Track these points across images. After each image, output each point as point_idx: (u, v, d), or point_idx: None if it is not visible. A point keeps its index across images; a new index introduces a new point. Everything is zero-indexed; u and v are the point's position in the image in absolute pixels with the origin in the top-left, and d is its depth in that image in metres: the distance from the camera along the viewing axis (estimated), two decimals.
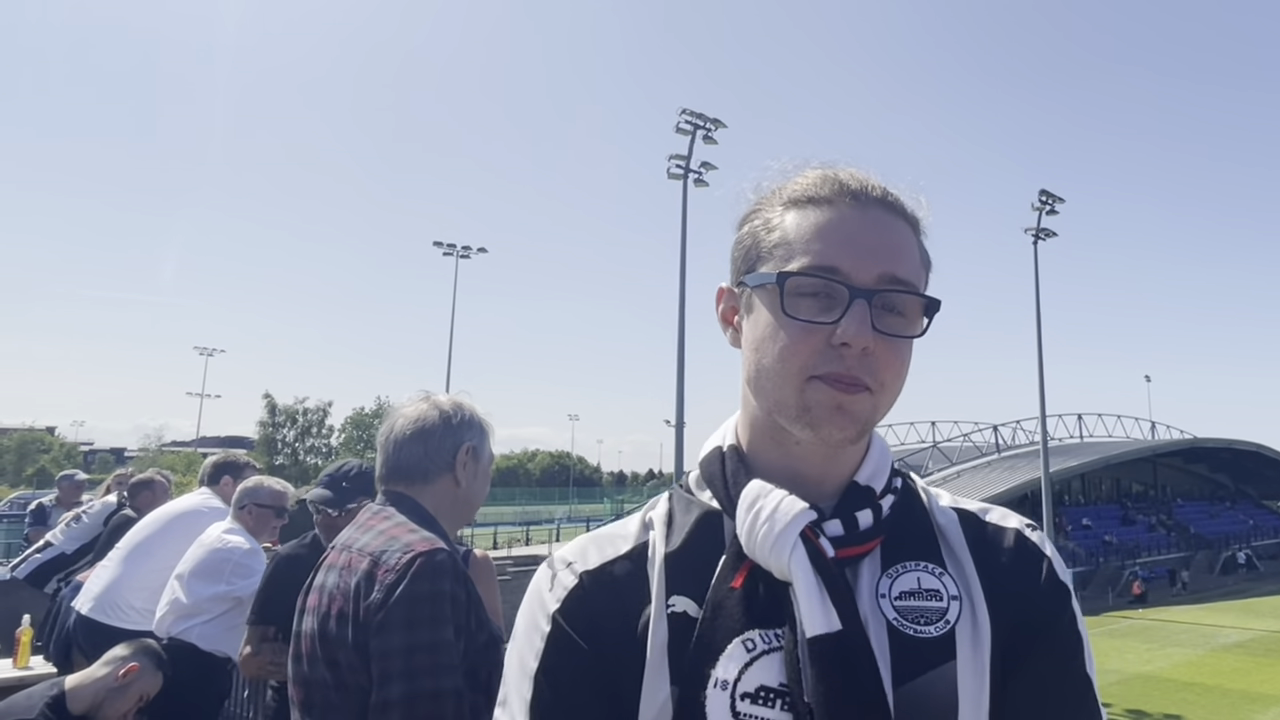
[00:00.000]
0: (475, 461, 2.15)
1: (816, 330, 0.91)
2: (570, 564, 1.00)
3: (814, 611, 0.85)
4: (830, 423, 0.91)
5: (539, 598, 0.99)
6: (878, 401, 0.93)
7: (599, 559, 0.99)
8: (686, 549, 0.97)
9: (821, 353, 0.90)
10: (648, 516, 1.04)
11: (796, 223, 0.96)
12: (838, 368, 0.90)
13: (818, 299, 0.92)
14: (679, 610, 0.92)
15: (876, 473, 0.99)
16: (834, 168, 1.00)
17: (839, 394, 0.90)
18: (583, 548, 1.02)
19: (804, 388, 0.91)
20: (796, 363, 0.91)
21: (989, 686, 0.88)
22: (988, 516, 1.02)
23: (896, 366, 0.93)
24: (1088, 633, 0.96)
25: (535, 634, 0.96)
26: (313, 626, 1.94)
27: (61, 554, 6.15)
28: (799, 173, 1.01)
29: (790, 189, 0.99)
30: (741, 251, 1.02)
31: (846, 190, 0.96)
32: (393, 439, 2.14)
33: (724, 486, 0.99)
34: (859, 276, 0.91)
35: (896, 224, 0.97)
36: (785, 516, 0.90)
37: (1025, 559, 0.97)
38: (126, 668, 3.18)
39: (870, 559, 0.94)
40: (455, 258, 42.26)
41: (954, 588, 0.92)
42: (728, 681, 0.86)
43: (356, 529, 2.05)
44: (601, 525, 1.09)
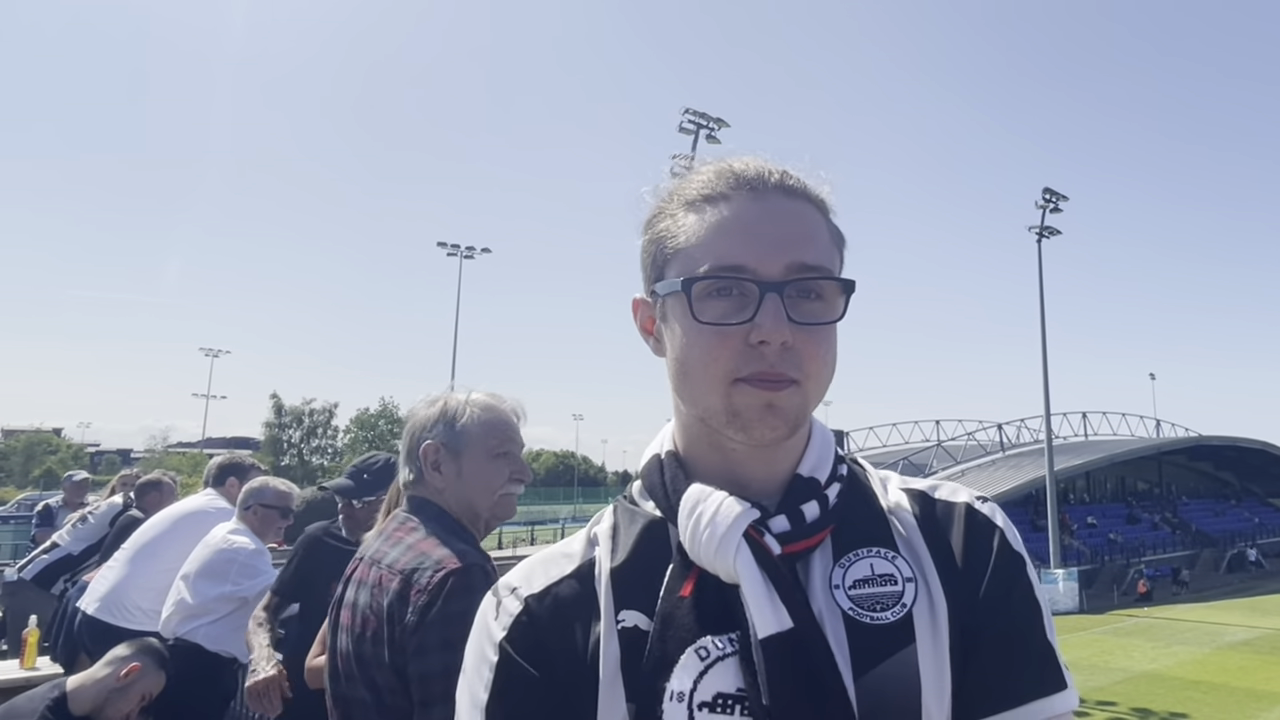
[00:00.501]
0: (453, 457, 2.05)
1: (732, 332, 0.89)
2: (515, 589, 0.98)
3: (764, 611, 0.84)
4: (761, 423, 0.89)
5: (485, 627, 0.97)
6: (807, 393, 0.91)
7: (544, 581, 0.98)
8: (633, 561, 0.95)
9: (741, 354, 0.89)
10: (592, 532, 1.02)
11: (696, 224, 0.94)
12: (760, 366, 0.88)
13: (728, 299, 0.90)
14: (629, 625, 0.90)
15: (820, 463, 0.98)
16: (728, 160, 0.97)
17: (766, 393, 0.88)
18: (527, 571, 1.00)
19: (730, 392, 0.89)
20: (718, 368, 0.89)
21: (950, 664, 0.87)
22: (937, 494, 1.00)
23: (821, 354, 0.91)
24: (1046, 599, 0.94)
25: (484, 665, 0.94)
26: (348, 646, 1.92)
27: (68, 555, 6.19)
28: (696, 171, 0.99)
29: (687, 189, 0.97)
30: (648, 259, 1.00)
31: (743, 181, 0.94)
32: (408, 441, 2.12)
33: (665, 494, 0.97)
34: (766, 270, 0.89)
35: (799, 208, 0.94)
36: (726, 518, 0.88)
37: (977, 532, 0.95)
38: (128, 668, 3.18)
39: (821, 551, 0.92)
40: (459, 258, 42.37)
41: (908, 570, 0.91)
42: (683, 693, 0.85)
43: (384, 540, 2.01)
44: None
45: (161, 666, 3.32)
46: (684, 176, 1.00)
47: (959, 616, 0.89)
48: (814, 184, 0.98)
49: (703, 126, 25.09)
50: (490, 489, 2.06)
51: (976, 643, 0.89)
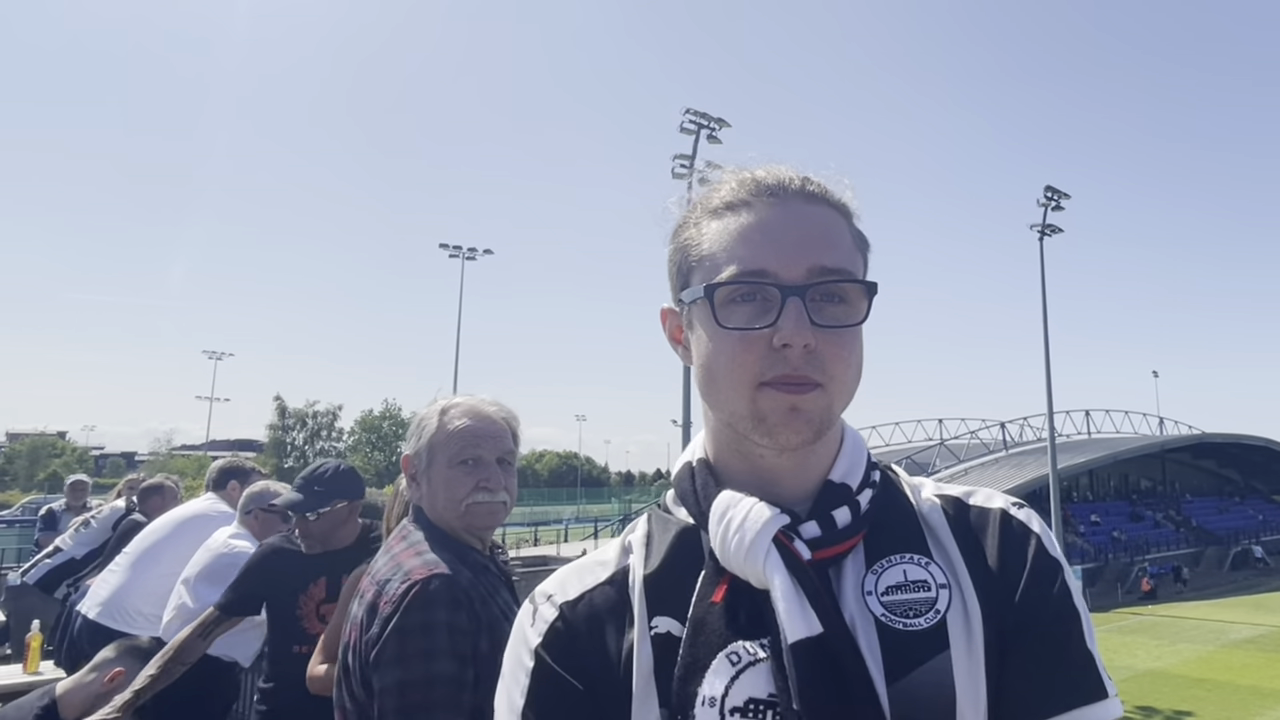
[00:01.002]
0: (426, 468, 2.03)
1: (755, 337, 0.90)
2: (550, 597, 0.99)
3: (793, 617, 0.84)
4: (786, 426, 0.89)
5: (522, 634, 0.98)
6: (832, 396, 0.91)
7: (579, 589, 0.99)
8: (666, 568, 0.96)
9: (765, 358, 0.89)
10: (627, 540, 1.03)
11: (718, 231, 0.95)
12: (784, 370, 0.88)
13: (751, 304, 0.91)
14: (662, 631, 0.91)
15: (851, 468, 0.97)
16: (749, 168, 0.98)
17: (790, 395, 0.89)
18: (563, 579, 1.01)
19: (755, 396, 0.90)
20: (743, 373, 0.90)
21: (985, 672, 0.86)
22: (972, 500, 0.99)
23: (844, 357, 0.91)
24: (1086, 607, 0.93)
25: (520, 671, 0.96)
26: (340, 655, 1.93)
27: (71, 559, 6.18)
28: (719, 181, 1.00)
29: (710, 199, 0.99)
30: (674, 269, 1.01)
31: (763, 189, 0.95)
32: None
33: (696, 501, 0.98)
34: (788, 274, 0.90)
35: (821, 213, 0.95)
36: (755, 524, 0.89)
37: (1012, 538, 0.94)
38: (111, 673, 3.17)
39: (853, 557, 0.92)
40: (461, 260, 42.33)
41: (942, 576, 0.90)
42: (715, 698, 0.85)
43: (383, 550, 2.02)
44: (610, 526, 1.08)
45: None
46: (707, 186, 1.01)
47: (995, 623, 0.88)
48: (835, 189, 0.99)
49: (704, 126, 25.00)
50: (454, 499, 1.99)
51: (1013, 650, 0.88)
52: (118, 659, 3.24)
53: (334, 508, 3.12)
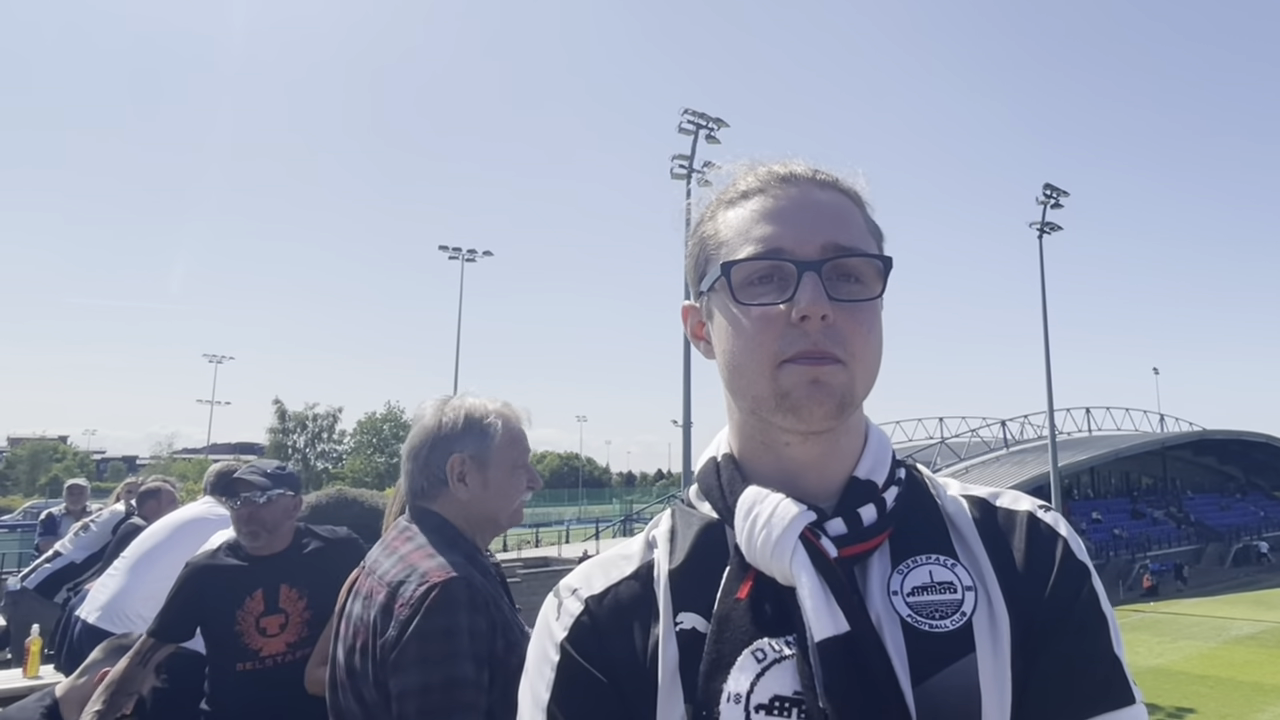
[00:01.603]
0: (480, 470, 2.03)
1: (775, 313, 0.90)
2: (575, 590, 0.99)
3: (820, 614, 0.83)
4: (810, 399, 0.89)
5: (547, 628, 0.98)
6: (853, 372, 0.90)
7: (604, 583, 0.99)
8: (690, 564, 0.95)
9: (785, 335, 0.89)
10: (651, 535, 1.03)
11: (734, 218, 0.97)
12: (804, 345, 0.89)
13: (769, 282, 0.92)
14: (687, 627, 0.90)
15: (877, 465, 0.97)
16: (762, 160, 1.01)
17: (811, 367, 0.89)
18: (587, 573, 1.01)
19: (776, 374, 0.90)
20: (764, 351, 0.90)
21: (1011, 676, 0.85)
22: (998, 501, 0.98)
23: (863, 333, 0.91)
24: (1113, 612, 0.92)
25: (545, 665, 0.95)
26: (342, 656, 1.92)
27: (71, 563, 6.19)
28: (732, 175, 1.02)
29: (725, 192, 1.01)
30: (692, 264, 1.03)
31: (776, 176, 0.98)
32: (412, 452, 2.09)
33: (721, 496, 0.97)
34: (803, 250, 0.91)
35: (833, 197, 0.97)
36: (783, 520, 0.88)
37: (1039, 541, 0.93)
38: (100, 673, 3.16)
39: (879, 555, 0.92)
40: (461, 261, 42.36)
41: (968, 578, 0.89)
42: (740, 695, 0.84)
43: (383, 550, 2.00)
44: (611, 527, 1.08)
45: (142, 664, 3.31)
46: (723, 182, 1.03)
47: (1021, 627, 0.88)
48: (846, 178, 1.01)
49: (702, 126, 25.04)
50: (511, 500, 2.09)
51: (1040, 654, 0.87)
52: (106, 659, 3.24)
53: (285, 495, 3.07)
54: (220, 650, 2.99)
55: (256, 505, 3.00)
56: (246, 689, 2.83)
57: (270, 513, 3.03)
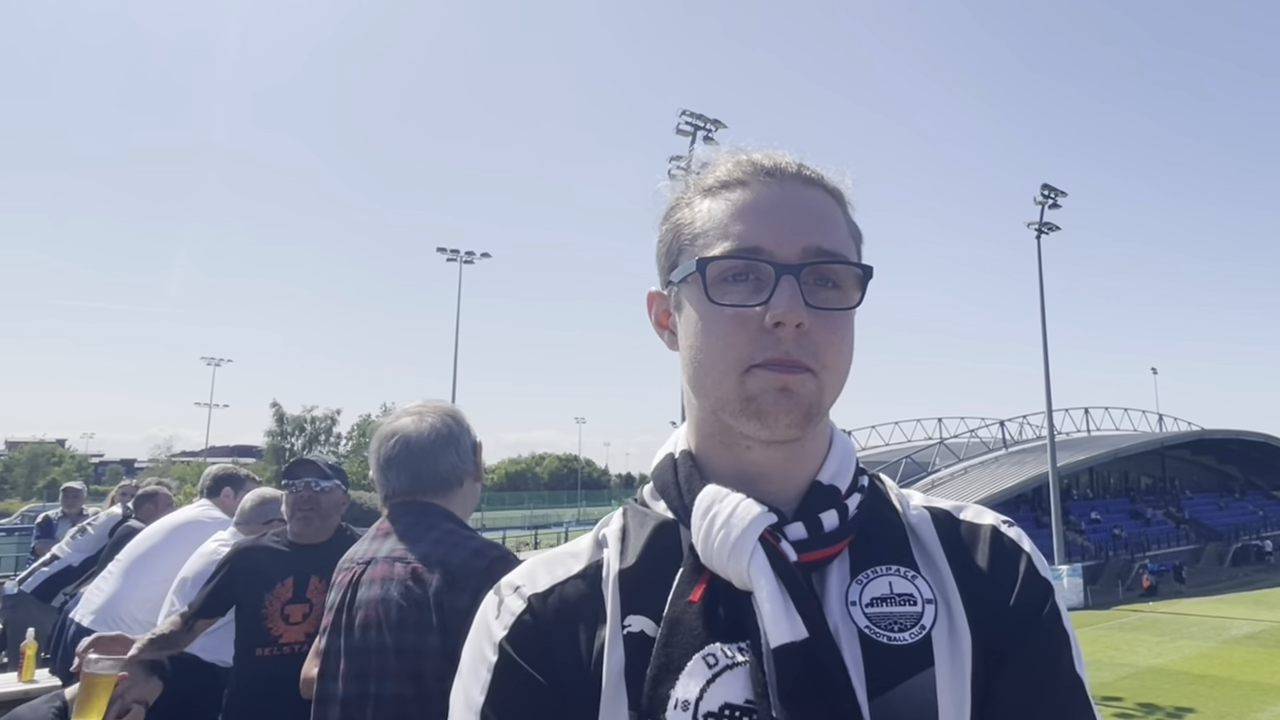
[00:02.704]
0: (470, 476, 2.25)
1: (748, 315, 0.86)
2: (518, 588, 0.94)
3: (778, 620, 0.80)
4: (777, 407, 0.86)
5: (485, 626, 0.93)
6: (823, 383, 0.87)
7: (549, 581, 0.94)
8: (642, 564, 0.91)
9: (757, 339, 0.86)
10: (601, 533, 0.98)
11: (713, 209, 0.92)
12: (775, 352, 0.85)
13: (744, 282, 0.88)
14: (636, 630, 0.86)
15: (840, 471, 0.94)
16: (746, 150, 0.96)
17: (781, 375, 0.85)
18: (531, 570, 0.96)
19: (744, 379, 0.86)
20: (733, 353, 0.87)
21: (970, 692, 0.83)
22: (962, 515, 0.96)
23: (837, 343, 0.88)
24: (1074, 630, 0.90)
25: (481, 665, 0.90)
26: (374, 642, 1.92)
27: (68, 567, 6.18)
28: (713, 162, 0.98)
29: (704, 179, 0.96)
30: (664, 250, 0.98)
31: (760, 169, 0.93)
32: (416, 453, 2.14)
33: (678, 495, 0.93)
34: (783, 252, 0.87)
35: (817, 196, 0.93)
36: (742, 521, 0.84)
37: (1002, 557, 0.91)
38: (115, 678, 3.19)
39: (838, 564, 0.88)
40: (459, 263, 42.37)
41: (928, 591, 0.87)
42: (689, 701, 0.80)
43: (395, 540, 2.04)
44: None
45: (153, 673, 3.30)
46: (702, 167, 0.98)
47: (982, 643, 0.85)
48: (832, 176, 0.96)
49: (700, 128, 25.12)
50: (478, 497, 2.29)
51: (1001, 672, 0.85)
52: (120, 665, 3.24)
53: (340, 488, 3.18)
54: (245, 633, 3.06)
55: (314, 491, 3.10)
56: (262, 675, 2.84)
57: (327, 500, 3.14)
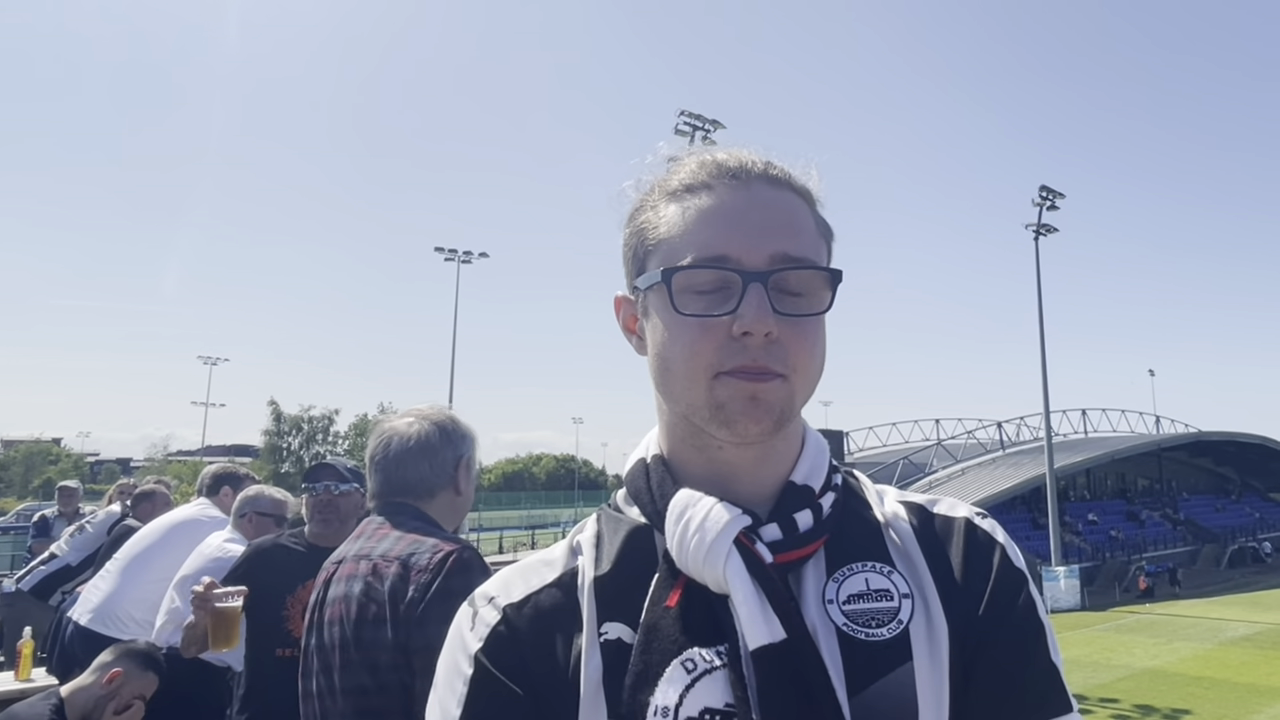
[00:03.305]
0: (469, 470, 2.28)
1: (715, 324, 0.85)
2: (492, 599, 0.93)
3: (755, 622, 0.80)
4: (746, 416, 0.85)
5: (460, 638, 0.92)
6: (793, 387, 0.87)
7: (524, 590, 0.93)
8: (617, 571, 0.90)
9: (724, 347, 0.85)
10: (575, 540, 0.97)
11: (678, 214, 0.91)
12: (744, 360, 0.84)
13: (712, 291, 0.86)
14: (612, 638, 0.86)
15: (814, 470, 0.93)
16: (711, 151, 0.94)
17: (750, 384, 0.85)
18: (506, 580, 0.95)
19: (712, 386, 0.86)
20: (700, 361, 0.86)
21: (949, 684, 0.83)
22: (935, 509, 0.96)
23: (807, 348, 0.87)
24: (1049, 619, 0.91)
25: (457, 678, 0.89)
26: (338, 637, 1.98)
27: (66, 565, 6.17)
28: (679, 163, 0.95)
29: (669, 181, 0.94)
30: (630, 253, 0.96)
31: (725, 171, 0.91)
32: (393, 457, 2.20)
33: (651, 500, 0.92)
34: (750, 260, 0.86)
35: (784, 198, 0.91)
36: (716, 524, 0.84)
37: (977, 549, 0.91)
38: (110, 674, 3.20)
39: (814, 563, 0.88)
40: (457, 263, 42.32)
41: (905, 585, 0.87)
42: (669, 708, 0.80)
43: (365, 539, 2.11)
44: None
45: (149, 667, 3.31)
46: (666, 169, 0.96)
47: (959, 635, 0.86)
48: (799, 175, 0.94)
49: (698, 128, 25.11)
50: (470, 504, 2.32)
51: (977, 663, 0.85)
52: (115, 661, 3.29)
53: (359, 491, 3.21)
54: (263, 633, 3.05)
55: (334, 495, 3.14)
56: (282, 676, 2.84)
57: (345, 504, 3.17)
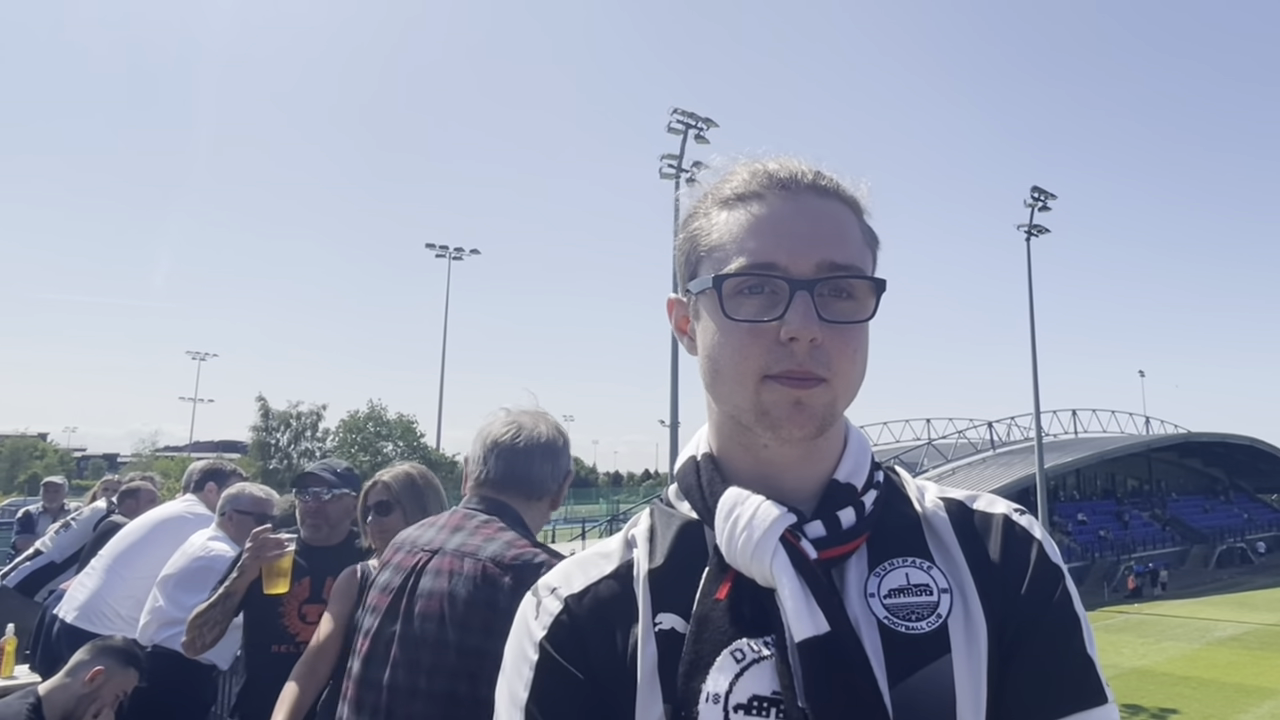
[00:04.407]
0: (568, 485, 2.24)
1: (763, 329, 0.89)
2: (554, 590, 0.99)
3: (800, 615, 0.84)
4: (790, 420, 0.89)
5: (525, 627, 0.98)
6: (836, 392, 0.91)
7: (583, 582, 0.98)
8: (670, 564, 0.95)
9: (771, 351, 0.89)
10: (630, 534, 1.03)
11: (729, 222, 0.95)
12: (789, 364, 0.88)
13: (759, 297, 0.91)
14: (666, 628, 0.91)
15: (856, 469, 0.98)
16: (762, 160, 0.98)
17: (795, 390, 0.89)
18: (566, 572, 1.01)
19: (759, 389, 0.90)
20: (748, 365, 0.90)
21: (986, 677, 0.87)
22: (975, 505, 1.00)
23: (850, 354, 0.91)
24: (1086, 614, 0.93)
25: (524, 664, 0.95)
26: (434, 634, 1.90)
27: (51, 562, 6.10)
28: (730, 172, 0.99)
29: (721, 189, 0.98)
30: (683, 258, 1.01)
31: (775, 181, 0.95)
32: (521, 449, 2.13)
33: (701, 496, 0.97)
34: (797, 268, 0.90)
35: (832, 207, 0.95)
36: (764, 522, 0.88)
37: (1014, 544, 0.95)
38: (91, 672, 3.18)
39: (857, 558, 0.92)
40: (448, 259, 42.28)
41: (944, 580, 0.91)
42: (719, 695, 0.85)
43: (467, 535, 2.02)
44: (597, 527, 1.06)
45: (129, 664, 3.28)
46: (719, 176, 1.00)
47: (996, 629, 0.89)
48: (848, 185, 0.98)
49: (691, 126, 25.06)
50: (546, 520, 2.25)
51: (1014, 655, 0.88)
52: (94, 659, 3.25)
53: (349, 495, 3.22)
54: (260, 629, 3.08)
55: (322, 501, 3.17)
56: (279, 670, 2.84)
57: (334, 509, 3.20)
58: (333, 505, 3.17)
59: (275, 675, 2.86)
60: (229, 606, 3.05)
